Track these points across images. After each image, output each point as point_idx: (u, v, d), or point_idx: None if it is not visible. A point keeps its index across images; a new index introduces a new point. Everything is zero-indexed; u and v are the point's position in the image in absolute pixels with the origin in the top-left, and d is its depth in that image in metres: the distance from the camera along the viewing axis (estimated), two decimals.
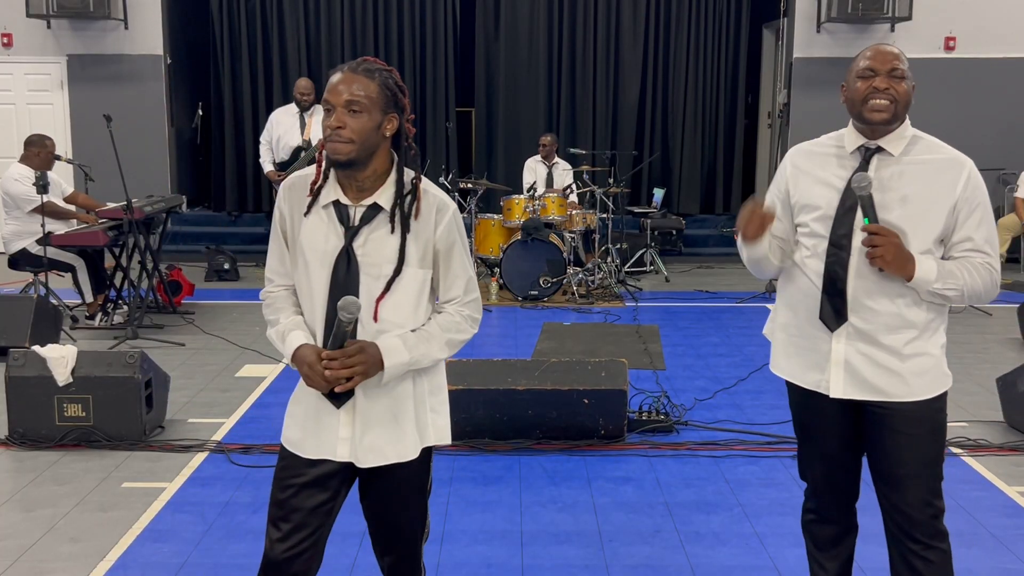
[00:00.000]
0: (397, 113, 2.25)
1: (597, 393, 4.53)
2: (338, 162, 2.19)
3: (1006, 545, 3.58)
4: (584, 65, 11.52)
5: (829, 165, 2.50)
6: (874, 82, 2.40)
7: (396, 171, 2.27)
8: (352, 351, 2.19)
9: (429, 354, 2.29)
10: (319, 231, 2.26)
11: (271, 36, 11.40)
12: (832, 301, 2.45)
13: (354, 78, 2.18)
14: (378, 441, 2.30)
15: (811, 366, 2.53)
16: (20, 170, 7.07)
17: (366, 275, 2.23)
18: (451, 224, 2.30)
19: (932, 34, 10.68)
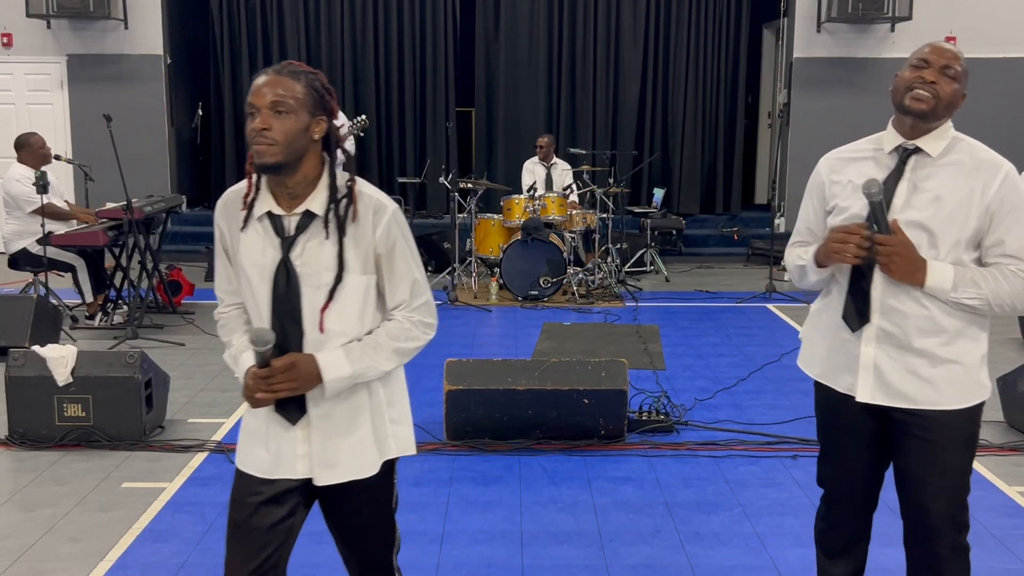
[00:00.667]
0: (325, 115, 2.17)
1: (597, 393, 4.52)
2: (265, 165, 2.11)
3: (1006, 545, 3.58)
4: (584, 65, 11.52)
5: (865, 167, 2.45)
6: (923, 72, 2.35)
7: (328, 175, 2.19)
8: (281, 367, 2.13)
9: (375, 365, 2.21)
10: (256, 245, 2.19)
11: (271, 36, 11.40)
12: (855, 301, 2.41)
13: (279, 80, 2.12)
14: (335, 457, 2.24)
15: (843, 368, 2.48)
16: (20, 170, 7.07)
17: (307, 285, 2.16)
18: (390, 225, 2.19)
19: (932, 34, 10.66)
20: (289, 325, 2.18)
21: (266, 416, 2.26)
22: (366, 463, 2.27)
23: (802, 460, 4.46)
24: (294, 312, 2.18)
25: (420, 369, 6.03)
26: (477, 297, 8.36)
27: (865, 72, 10.66)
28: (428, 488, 4.10)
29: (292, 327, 2.19)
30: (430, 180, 10.99)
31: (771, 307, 8.13)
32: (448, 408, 4.55)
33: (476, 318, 7.65)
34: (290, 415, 2.23)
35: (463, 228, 9.13)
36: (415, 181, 10.42)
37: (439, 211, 11.57)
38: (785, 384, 5.72)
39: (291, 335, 2.19)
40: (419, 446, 4.58)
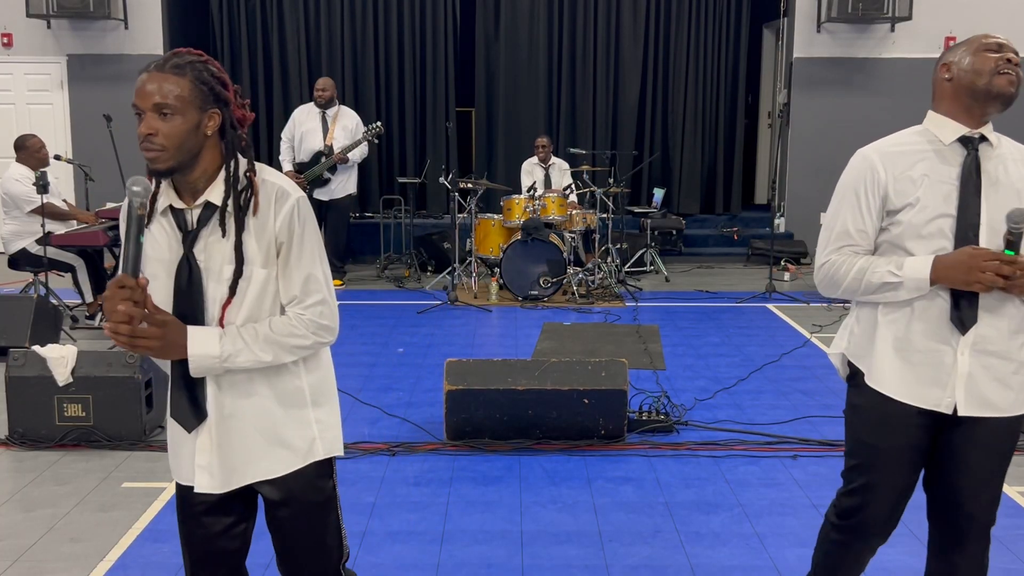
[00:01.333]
0: (219, 107, 2.04)
1: (597, 393, 4.53)
2: (157, 171, 2.00)
3: (1006, 545, 3.58)
4: (584, 65, 11.52)
5: (928, 161, 2.33)
6: (1007, 55, 2.29)
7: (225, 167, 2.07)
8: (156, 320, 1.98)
9: (251, 354, 2.07)
10: (160, 240, 2.10)
11: (271, 36, 11.40)
12: (963, 305, 2.28)
13: (162, 77, 1.98)
14: (240, 461, 2.15)
15: (930, 382, 2.34)
16: (20, 170, 7.08)
17: (210, 280, 2.07)
18: (291, 214, 2.07)
19: (932, 34, 10.68)
20: (190, 321, 2.08)
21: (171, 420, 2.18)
22: (279, 463, 2.17)
23: (802, 460, 4.46)
24: (196, 308, 2.08)
25: (420, 369, 6.04)
26: (477, 297, 8.36)
27: (865, 72, 10.66)
28: (428, 488, 4.10)
29: (192, 323, 2.08)
30: (430, 180, 10.99)
31: (771, 307, 8.13)
32: (448, 408, 4.55)
33: (476, 318, 7.65)
34: (185, 421, 2.14)
35: (463, 228, 9.13)
36: (415, 181, 10.42)
37: (439, 211, 11.57)
38: (785, 384, 5.72)
39: None
40: (419, 446, 4.58)
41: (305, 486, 2.20)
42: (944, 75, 2.36)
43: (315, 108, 8.95)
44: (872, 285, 2.34)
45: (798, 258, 10.22)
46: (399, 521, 3.78)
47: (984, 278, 2.21)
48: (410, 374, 5.92)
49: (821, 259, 2.44)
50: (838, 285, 2.40)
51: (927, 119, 2.41)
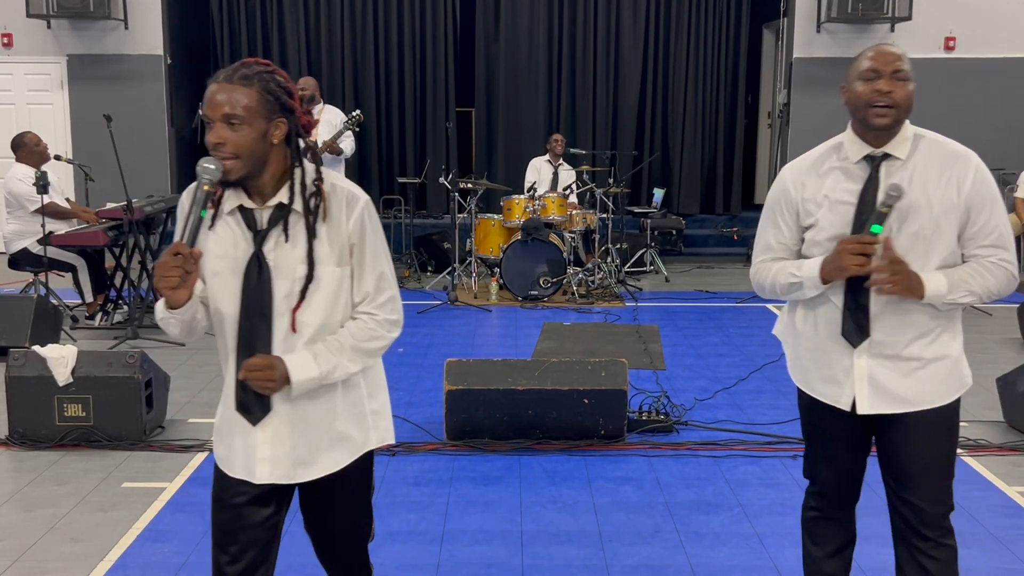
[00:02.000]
0: (285, 116, 2.10)
1: (597, 393, 4.52)
2: (227, 181, 2.07)
3: (1006, 545, 3.58)
4: (584, 65, 11.52)
5: (836, 180, 2.43)
6: (877, 85, 2.34)
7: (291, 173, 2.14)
8: (260, 364, 2.09)
9: (340, 367, 2.17)
10: (227, 238, 2.14)
11: (271, 36, 11.40)
12: (855, 317, 2.39)
13: (230, 88, 2.04)
14: (307, 454, 2.21)
15: (827, 380, 2.49)
16: (22, 170, 7.08)
17: (280, 279, 2.13)
18: (362, 216, 2.17)
19: (932, 34, 10.68)
20: (257, 320, 2.13)
21: (229, 412, 2.22)
22: (340, 456, 2.25)
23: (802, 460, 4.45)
24: (264, 307, 2.13)
25: (420, 369, 6.03)
26: (477, 297, 8.36)
27: None
28: (428, 488, 4.10)
29: (260, 322, 2.14)
30: (430, 180, 10.99)
31: (771, 307, 8.13)
32: (448, 408, 4.55)
33: (476, 318, 7.65)
34: (252, 415, 2.18)
35: (463, 228, 9.13)
36: (415, 181, 10.42)
37: (439, 211, 11.57)
38: (785, 384, 5.72)
39: (258, 330, 2.14)
40: (419, 446, 4.58)
41: (355, 475, 2.29)
42: (842, 96, 2.46)
43: None
44: (783, 286, 2.50)
45: None
46: (399, 521, 3.78)
47: (852, 259, 2.30)
48: (410, 374, 5.92)
49: (752, 268, 2.64)
50: (763, 288, 2.59)
51: (845, 133, 2.49)
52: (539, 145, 10.80)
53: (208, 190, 2.05)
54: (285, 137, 2.11)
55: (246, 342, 2.15)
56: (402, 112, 11.63)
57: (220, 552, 2.22)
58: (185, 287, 2.05)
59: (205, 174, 2.04)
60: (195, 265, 2.05)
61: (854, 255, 2.30)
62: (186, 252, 2.03)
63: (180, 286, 2.04)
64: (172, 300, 2.06)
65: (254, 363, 2.10)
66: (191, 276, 2.04)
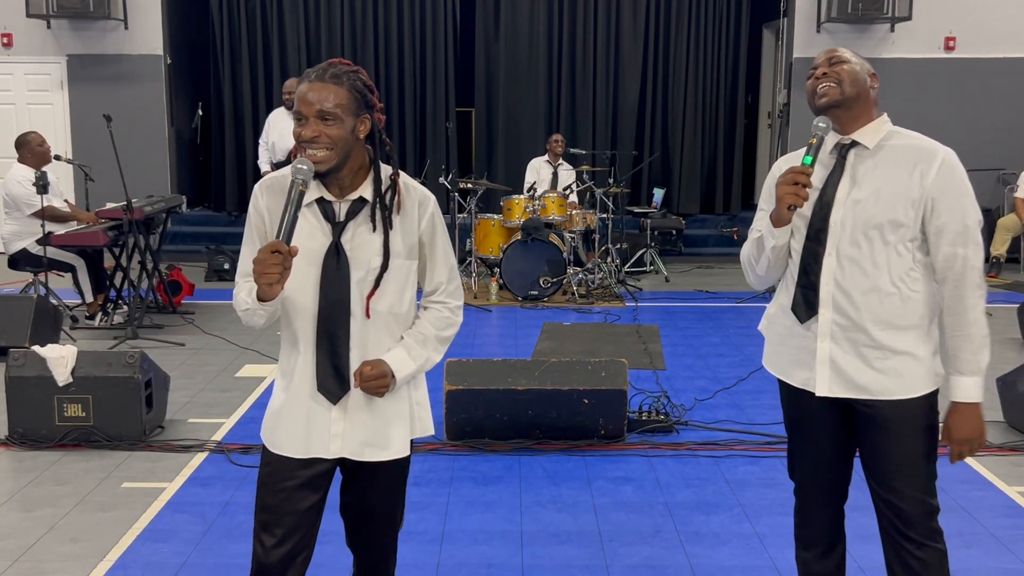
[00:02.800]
0: (368, 112, 2.25)
1: (597, 393, 4.53)
2: (319, 172, 2.20)
3: (1006, 545, 3.58)
4: (584, 65, 11.52)
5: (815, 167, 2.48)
6: (816, 73, 2.45)
7: (374, 167, 2.30)
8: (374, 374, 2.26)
9: (429, 359, 2.37)
10: (304, 229, 2.26)
11: (271, 36, 11.41)
12: (804, 292, 2.47)
13: (323, 87, 2.18)
14: (374, 437, 2.34)
15: (799, 363, 2.55)
16: (21, 171, 7.07)
17: (356, 269, 2.26)
18: (434, 215, 2.36)
19: (932, 34, 10.69)
20: (336, 308, 2.26)
21: (302, 396, 2.32)
22: (402, 442, 2.37)
23: None
24: (343, 293, 2.25)
25: None
26: (477, 297, 8.36)
27: None
28: (428, 488, 4.10)
29: (339, 310, 2.26)
30: (430, 180, 10.98)
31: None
32: (448, 408, 4.55)
33: (476, 318, 7.65)
34: (332, 394, 2.30)
35: (463, 228, 9.13)
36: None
37: None
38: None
39: (337, 317, 2.26)
40: (419, 446, 4.58)
41: (400, 463, 2.40)
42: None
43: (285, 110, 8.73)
44: (753, 248, 2.59)
45: None
46: None
47: (784, 189, 2.37)
48: None
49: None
50: (746, 266, 2.67)
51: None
52: (539, 145, 10.80)
53: (303, 190, 2.16)
54: (368, 133, 2.25)
55: (326, 329, 2.27)
56: (402, 112, 11.63)
57: (267, 535, 2.29)
58: (281, 282, 2.14)
59: (299, 175, 2.14)
60: (291, 263, 2.15)
61: (787, 184, 2.37)
62: (285, 250, 2.11)
63: (278, 282, 2.13)
64: (268, 295, 2.16)
65: (369, 374, 2.25)
66: (287, 272, 2.14)
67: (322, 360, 2.30)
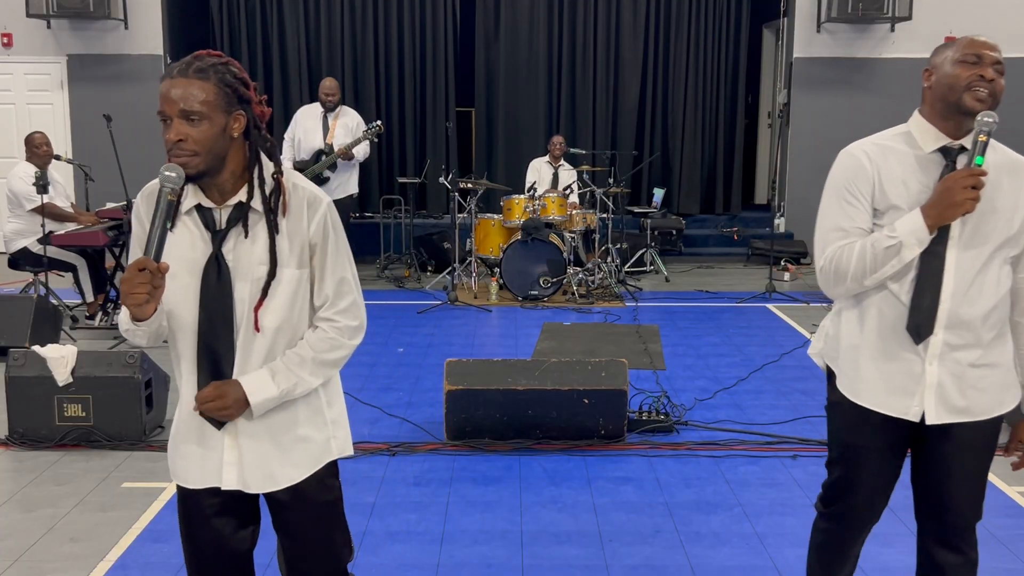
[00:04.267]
0: (243, 108, 2.04)
1: (597, 393, 4.53)
2: (188, 176, 2.00)
3: (1006, 545, 3.58)
4: (584, 65, 11.52)
5: (908, 165, 2.31)
6: (980, 70, 2.25)
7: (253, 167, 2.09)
8: (209, 396, 2.06)
9: (302, 382, 2.13)
10: (184, 239, 2.08)
11: (271, 36, 11.40)
12: (921, 312, 2.27)
13: (187, 82, 1.97)
14: (267, 464, 2.15)
15: (897, 391, 2.34)
16: (25, 168, 7.10)
17: (240, 280, 2.07)
18: (324, 219, 2.11)
19: (932, 34, 10.67)
20: (218, 323, 2.08)
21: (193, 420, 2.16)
22: (300, 468, 2.18)
23: (802, 460, 4.46)
24: (225, 307, 2.07)
25: (420, 369, 6.04)
26: (477, 297, 8.36)
27: (865, 72, 10.66)
28: (428, 488, 4.10)
29: (222, 324, 2.08)
30: (430, 180, 11.00)
31: (771, 307, 8.13)
32: (448, 408, 4.55)
33: (476, 318, 7.65)
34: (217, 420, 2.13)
35: (463, 228, 9.13)
36: (415, 181, 10.42)
37: (439, 211, 11.57)
38: (785, 384, 5.72)
39: (220, 332, 2.09)
40: (419, 446, 4.58)
41: (317, 486, 2.21)
42: (925, 81, 2.35)
43: (318, 109, 8.91)
44: (878, 254, 2.27)
45: (798, 258, 10.22)
46: (399, 521, 3.78)
47: (966, 193, 2.18)
48: (410, 374, 5.92)
49: (821, 260, 2.39)
50: (845, 274, 2.33)
51: (912, 121, 2.37)
52: (539, 145, 10.80)
53: (171, 200, 1.98)
54: (244, 130, 2.06)
55: (207, 346, 2.09)
56: (402, 112, 11.63)
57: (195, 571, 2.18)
58: (153, 301, 1.98)
59: (167, 183, 1.97)
60: (162, 280, 1.99)
61: (967, 188, 2.18)
62: (153, 268, 1.96)
63: (148, 301, 1.97)
64: (139, 315, 1.99)
65: (204, 395, 2.07)
66: (158, 290, 1.98)
67: (203, 380, 2.11)
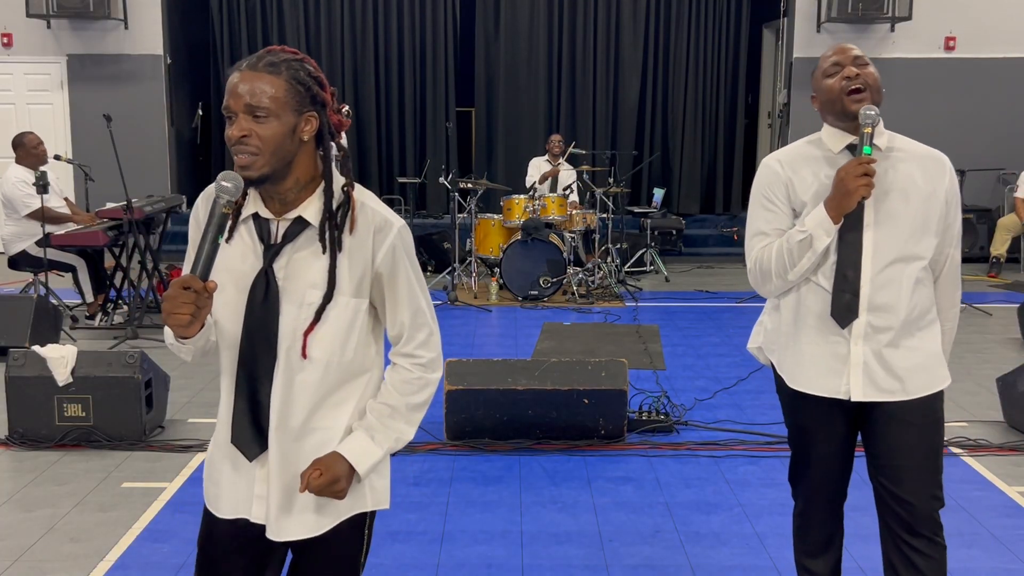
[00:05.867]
0: (316, 110, 1.86)
1: (597, 393, 4.52)
2: (249, 179, 1.83)
3: (1006, 545, 3.58)
4: (584, 65, 11.52)
5: (819, 167, 2.46)
6: (844, 72, 2.39)
7: (324, 179, 1.90)
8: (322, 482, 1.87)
9: (401, 434, 1.96)
10: (236, 249, 1.91)
11: (271, 36, 11.40)
12: (843, 298, 2.40)
13: (255, 76, 1.80)
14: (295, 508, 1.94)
15: (826, 372, 2.47)
16: (17, 172, 7.05)
17: (288, 303, 1.88)
18: (395, 245, 1.90)
19: (932, 34, 10.69)
20: (260, 346, 1.90)
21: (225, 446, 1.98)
22: (328, 517, 1.96)
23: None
24: (269, 332, 1.89)
25: None
26: (477, 297, 8.36)
27: None
28: (428, 488, 4.10)
29: (264, 348, 1.90)
30: (430, 180, 11.00)
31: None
32: (448, 408, 4.55)
33: (476, 318, 7.65)
34: (247, 448, 1.94)
35: (463, 228, 9.13)
36: (415, 181, 10.43)
37: (439, 211, 11.57)
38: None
39: (261, 358, 1.90)
40: (419, 446, 4.58)
41: (341, 538, 1.99)
42: (814, 105, 2.52)
43: None
44: (793, 252, 2.43)
45: None
46: (399, 521, 3.77)
47: (857, 180, 2.31)
48: None
49: (749, 263, 2.57)
50: (769, 272, 2.50)
51: (823, 130, 2.53)
52: (539, 145, 10.80)
53: (226, 212, 1.80)
54: (316, 135, 1.87)
55: (247, 368, 1.92)
56: (402, 112, 11.63)
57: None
58: (197, 321, 1.79)
59: (224, 193, 1.79)
60: (209, 299, 1.79)
61: (857, 176, 2.32)
62: (199, 287, 1.76)
63: (191, 323, 1.78)
64: (182, 334, 1.82)
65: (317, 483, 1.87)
66: (203, 310, 1.78)
67: (239, 405, 1.94)
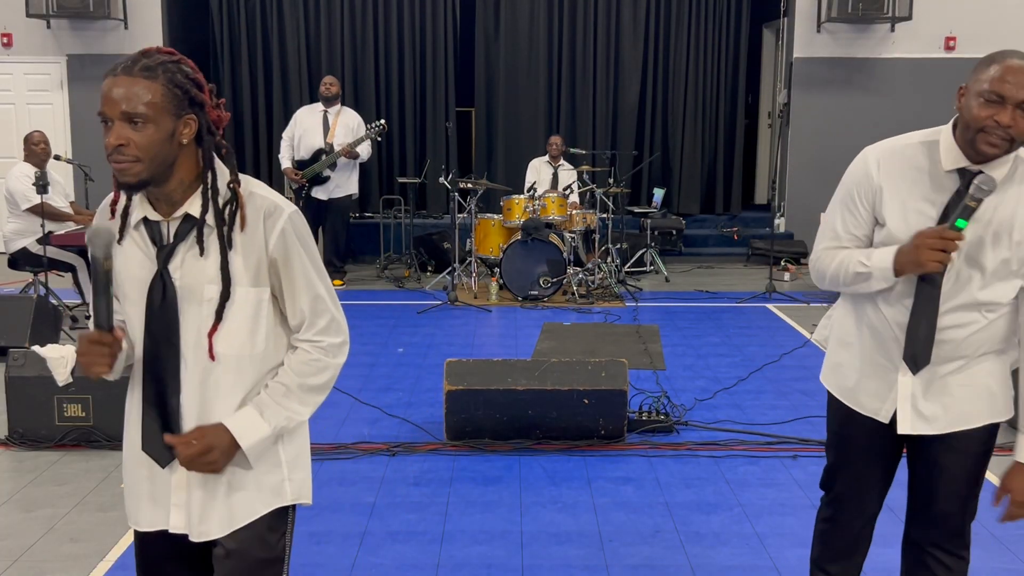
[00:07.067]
0: (195, 112, 1.84)
1: (597, 393, 4.53)
2: (128, 185, 1.80)
3: (1006, 545, 3.58)
4: (584, 65, 11.52)
5: (922, 183, 2.24)
6: (998, 115, 2.09)
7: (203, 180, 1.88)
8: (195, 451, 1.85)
9: (293, 415, 1.94)
10: (133, 256, 1.90)
11: (271, 36, 11.40)
12: (916, 344, 2.25)
13: (131, 81, 1.77)
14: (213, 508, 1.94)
15: (872, 394, 2.38)
16: (22, 168, 7.09)
17: (187, 301, 1.87)
18: (286, 231, 1.90)
19: (932, 34, 10.68)
20: (164, 348, 1.89)
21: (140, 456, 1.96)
22: (244, 511, 1.96)
23: (802, 460, 4.46)
24: (170, 334, 1.88)
25: (420, 369, 6.03)
26: (477, 297, 8.36)
27: (865, 72, 10.66)
28: (428, 488, 4.10)
29: (168, 351, 1.89)
30: (430, 180, 10.99)
31: (771, 307, 8.13)
32: (448, 408, 4.55)
33: (476, 318, 7.65)
34: (160, 456, 1.93)
35: (463, 228, 9.13)
36: (415, 181, 10.42)
37: (439, 211, 11.57)
38: (785, 384, 5.72)
39: (166, 360, 1.90)
40: (419, 446, 4.58)
41: (253, 539, 1.97)
42: (957, 100, 2.24)
43: (319, 108, 8.97)
44: (848, 275, 2.32)
45: (798, 258, 10.22)
46: (399, 521, 3.78)
47: (931, 255, 2.12)
48: (410, 374, 5.92)
49: (813, 254, 2.46)
50: (823, 277, 2.41)
51: (944, 133, 2.28)
52: (539, 145, 10.80)
53: (108, 267, 1.82)
54: (195, 136, 1.86)
55: (152, 372, 1.91)
56: (402, 112, 11.63)
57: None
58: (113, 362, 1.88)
59: (98, 251, 1.80)
60: (119, 344, 1.87)
61: (934, 250, 2.12)
62: (108, 340, 1.84)
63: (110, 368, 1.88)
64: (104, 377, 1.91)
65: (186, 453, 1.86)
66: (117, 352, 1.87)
67: (147, 412, 1.92)
